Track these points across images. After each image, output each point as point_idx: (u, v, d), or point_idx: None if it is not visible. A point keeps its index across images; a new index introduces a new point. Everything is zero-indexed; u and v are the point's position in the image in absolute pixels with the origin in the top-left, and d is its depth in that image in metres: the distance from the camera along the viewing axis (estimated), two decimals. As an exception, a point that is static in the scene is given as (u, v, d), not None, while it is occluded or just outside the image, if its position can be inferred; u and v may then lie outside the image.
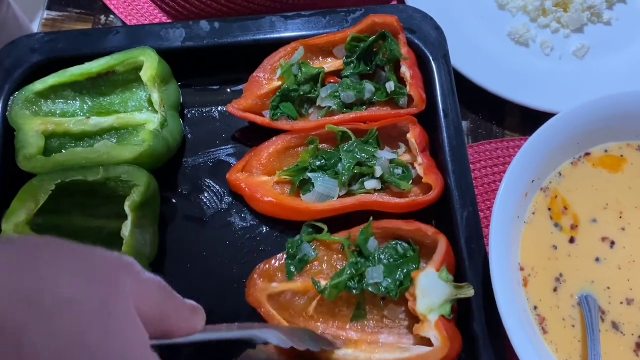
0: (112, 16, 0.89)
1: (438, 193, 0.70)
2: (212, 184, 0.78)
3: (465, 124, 0.84)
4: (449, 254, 0.67)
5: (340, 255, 0.71)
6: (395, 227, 0.70)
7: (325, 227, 0.71)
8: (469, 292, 0.64)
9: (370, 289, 0.67)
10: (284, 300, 0.69)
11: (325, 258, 0.71)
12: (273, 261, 0.70)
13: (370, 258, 0.68)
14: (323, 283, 0.68)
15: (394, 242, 0.70)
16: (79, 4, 0.89)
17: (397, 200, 0.71)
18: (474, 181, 0.74)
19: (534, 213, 0.71)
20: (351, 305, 0.69)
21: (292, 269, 0.70)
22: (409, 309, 0.65)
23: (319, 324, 0.69)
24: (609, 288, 0.68)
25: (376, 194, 0.72)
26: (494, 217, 0.65)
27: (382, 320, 0.69)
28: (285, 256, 0.71)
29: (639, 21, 0.89)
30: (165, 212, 0.76)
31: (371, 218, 0.69)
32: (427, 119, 0.75)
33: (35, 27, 0.89)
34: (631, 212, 0.71)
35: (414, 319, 0.66)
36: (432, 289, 0.64)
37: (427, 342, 0.64)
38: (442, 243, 0.67)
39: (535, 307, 0.67)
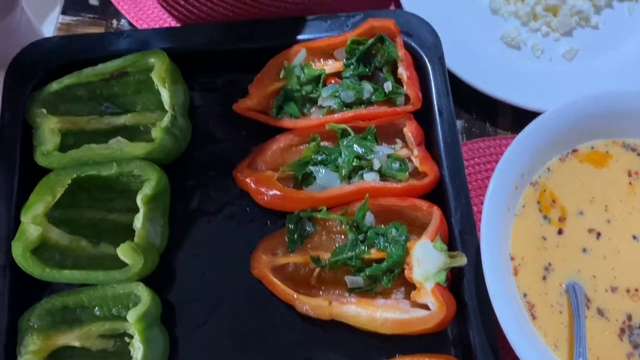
0: (123, 20, 0.93)
1: (433, 178, 0.75)
2: (219, 179, 0.82)
3: (459, 123, 0.88)
4: (442, 225, 0.72)
5: (338, 229, 0.76)
6: (391, 204, 0.74)
7: (324, 207, 0.75)
8: (462, 260, 0.69)
9: (368, 272, 0.72)
10: (287, 271, 0.75)
11: (324, 232, 0.76)
12: (275, 236, 0.76)
13: (367, 232, 0.73)
14: (324, 255, 0.73)
15: (389, 226, 0.74)
16: (91, 9, 0.94)
17: (395, 184, 0.75)
18: (467, 177, 0.78)
19: (523, 206, 0.74)
20: (350, 274, 0.74)
21: (293, 242, 0.75)
22: (405, 277, 0.70)
23: (321, 291, 0.74)
24: (594, 276, 0.72)
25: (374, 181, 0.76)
26: (485, 208, 0.69)
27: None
28: (285, 231, 0.75)
29: (625, 25, 0.93)
30: (175, 205, 0.80)
31: (367, 195, 0.73)
32: (423, 117, 0.80)
33: (51, 31, 0.94)
34: (616, 205, 0.75)
35: (408, 285, 0.71)
36: (427, 258, 0.69)
37: (423, 307, 0.69)
38: (436, 215, 0.72)
39: (525, 295, 0.71)
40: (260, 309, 0.75)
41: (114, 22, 0.93)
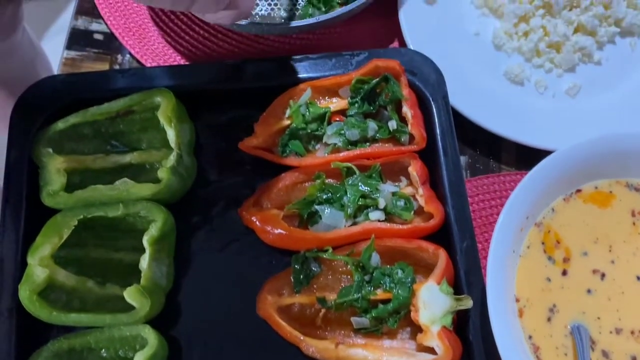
0: (128, 55, 0.93)
1: (439, 220, 0.75)
2: (225, 216, 0.82)
3: (463, 159, 0.89)
4: (448, 267, 0.72)
5: (344, 269, 0.76)
6: (397, 245, 0.75)
7: (330, 248, 0.75)
8: (468, 303, 0.69)
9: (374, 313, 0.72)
10: (293, 311, 0.75)
11: (330, 272, 0.77)
12: (280, 276, 0.77)
13: (373, 273, 0.73)
14: (329, 296, 0.73)
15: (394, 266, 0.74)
16: (96, 44, 0.94)
17: (400, 226, 0.75)
18: (472, 214, 0.79)
19: (528, 247, 0.75)
20: (356, 314, 0.74)
21: (299, 282, 0.76)
22: (411, 318, 0.70)
23: (327, 332, 0.75)
24: (599, 318, 0.72)
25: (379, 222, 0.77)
26: (490, 254, 0.69)
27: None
28: (291, 271, 0.76)
29: (628, 61, 0.93)
30: (180, 242, 0.80)
31: (372, 235, 0.74)
32: (428, 156, 0.80)
33: (56, 66, 0.94)
34: (620, 246, 0.75)
35: (414, 325, 0.71)
36: (434, 301, 0.69)
37: (429, 349, 0.69)
38: (442, 257, 0.72)
39: (530, 337, 0.71)
40: (266, 350, 0.75)
41: (119, 57, 0.93)
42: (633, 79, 0.92)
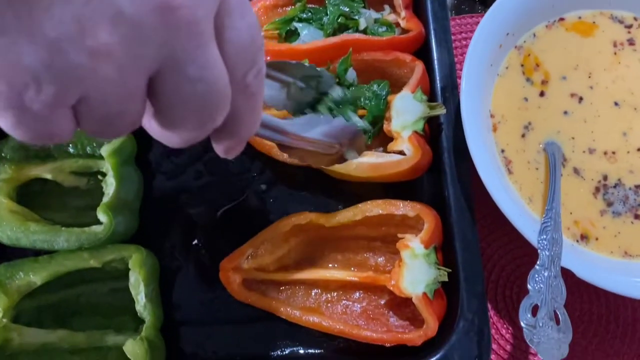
0: None
1: (418, 34, 0.73)
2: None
3: (449, 0, 0.87)
4: (424, 78, 0.71)
5: None
6: (375, 59, 0.73)
7: (306, 60, 0.74)
8: (441, 110, 0.68)
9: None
10: None
11: None
12: None
13: (348, 86, 0.71)
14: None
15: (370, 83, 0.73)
16: None
17: (379, 37, 0.74)
18: (454, 50, 0.77)
19: (507, 67, 0.74)
20: None
21: None
22: (385, 132, 0.69)
23: None
24: (573, 138, 0.71)
25: (358, 33, 0.75)
26: (467, 60, 0.68)
27: None
28: None
29: None
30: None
31: (350, 49, 0.72)
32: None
33: None
34: (600, 73, 0.74)
35: (387, 143, 0.70)
36: (407, 109, 0.68)
37: (400, 154, 0.68)
38: (419, 68, 0.71)
39: (503, 150, 0.71)
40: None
41: None
42: None
